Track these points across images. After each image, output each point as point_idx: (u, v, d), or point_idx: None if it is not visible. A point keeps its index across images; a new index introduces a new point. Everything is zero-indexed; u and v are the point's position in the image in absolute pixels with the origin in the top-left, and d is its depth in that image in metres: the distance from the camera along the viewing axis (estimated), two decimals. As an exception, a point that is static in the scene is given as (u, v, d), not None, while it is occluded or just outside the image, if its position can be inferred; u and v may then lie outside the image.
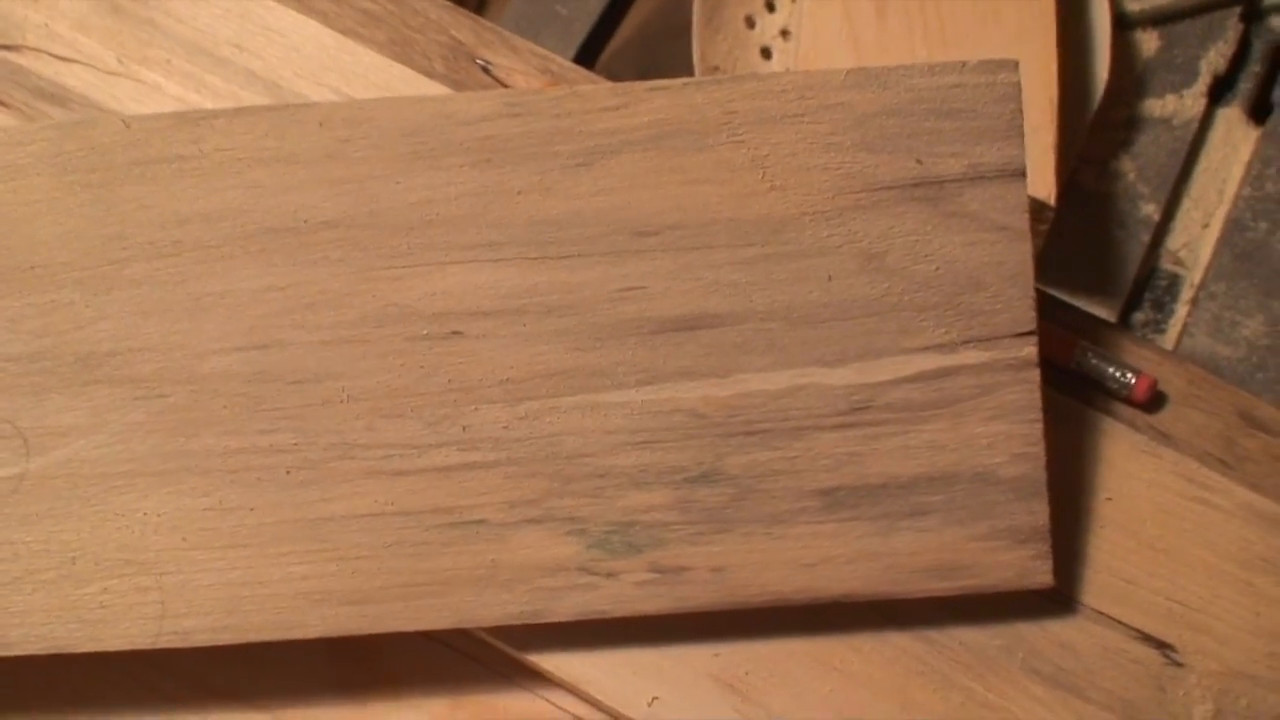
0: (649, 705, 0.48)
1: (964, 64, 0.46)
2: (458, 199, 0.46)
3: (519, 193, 0.46)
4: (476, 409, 0.46)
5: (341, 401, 0.46)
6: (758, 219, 0.46)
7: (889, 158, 0.46)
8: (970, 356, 0.46)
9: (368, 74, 0.55)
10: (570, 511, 0.46)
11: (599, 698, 0.48)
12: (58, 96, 0.54)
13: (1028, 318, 0.46)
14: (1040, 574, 0.46)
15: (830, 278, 0.46)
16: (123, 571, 0.46)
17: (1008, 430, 0.46)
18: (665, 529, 0.46)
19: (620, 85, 0.47)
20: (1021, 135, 0.46)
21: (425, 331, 0.46)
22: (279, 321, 0.46)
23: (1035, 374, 0.46)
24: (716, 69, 0.58)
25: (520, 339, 0.46)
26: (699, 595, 0.46)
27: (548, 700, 0.50)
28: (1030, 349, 0.46)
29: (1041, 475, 0.46)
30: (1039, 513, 0.46)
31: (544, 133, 0.46)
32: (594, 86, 0.47)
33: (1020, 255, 0.46)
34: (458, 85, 0.54)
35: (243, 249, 0.46)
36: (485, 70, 0.54)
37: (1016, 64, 0.46)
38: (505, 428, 0.46)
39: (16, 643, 0.46)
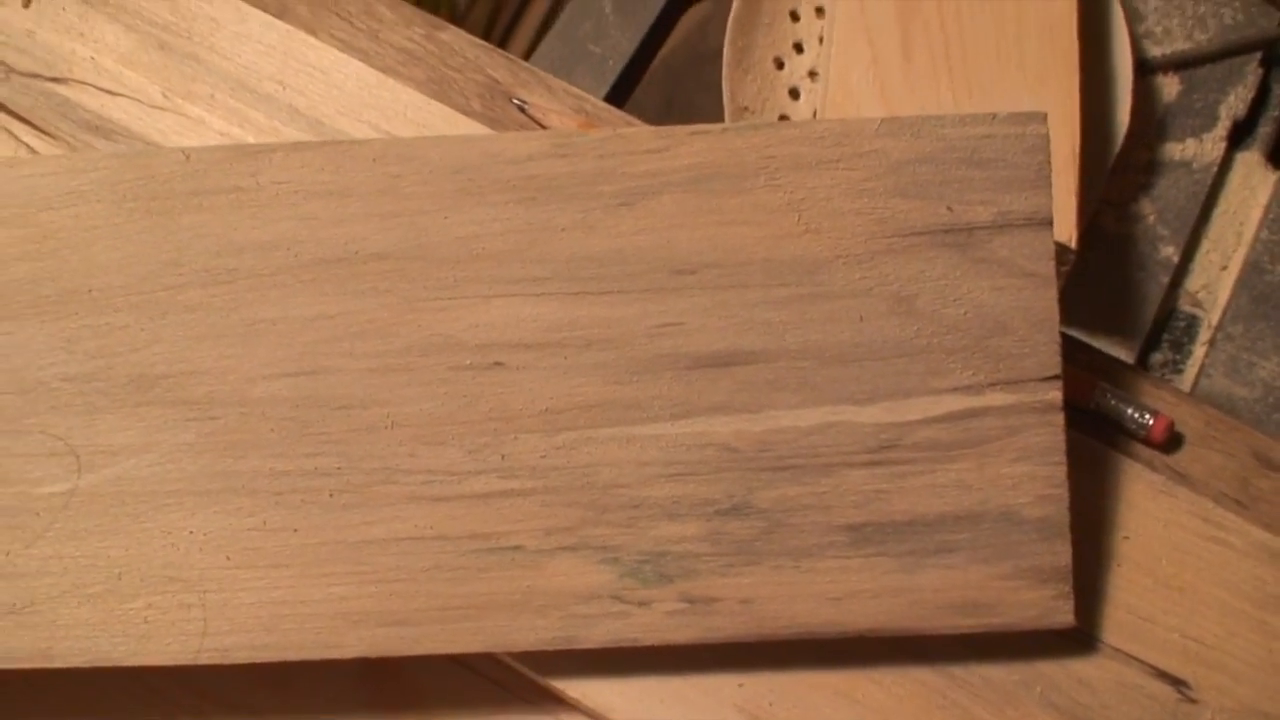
0: None
1: (994, 116, 0.47)
2: (503, 234, 0.47)
3: (562, 229, 0.47)
4: (516, 438, 0.47)
5: (385, 428, 0.47)
6: (792, 260, 0.47)
7: (921, 204, 0.47)
8: (997, 399, 0.47)
9: (406, 111, 0.56)
10: (604, 540, 0.46)
11: None
12: (103, 129, 0.55)
13: (1053, 362, 0.47)
14: (1062, 613, 0.46)
15: (862, 319, 0.47)
16: (167, 588, 0.46)
17: (1032, 471, 0.46)
18: (696, 560, 0.46)
19: (662, 129, 0.48)
20: (1049, 185, 0.47)
21: (468, 362, 0.47)
22: (328, 349, 0.47)
23: (1059, 417, 0.47)
24: (746, 109, 0.59)
25: (559, 371, 0.47)
26: (728, 626, 0.46)
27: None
28: (1055, 393, 0.47)
29: (1065, 517, 0.46)
30: (1062, 553, 0.46)
31: (588, 173, 0.47)
32: (637, 129, 0.48)
33: (1046, 301, 0.47)
34: (494, 124, 0.55)
35: (295, 278, 0.47)
36: (521, 109, 0.55)
37: (1045, 116, 0.47)
38: (543, 457, 0.47)
39: (61, 655, 0.46)
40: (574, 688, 0.48)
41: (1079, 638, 0.48)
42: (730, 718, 0.48)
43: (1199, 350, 0.56)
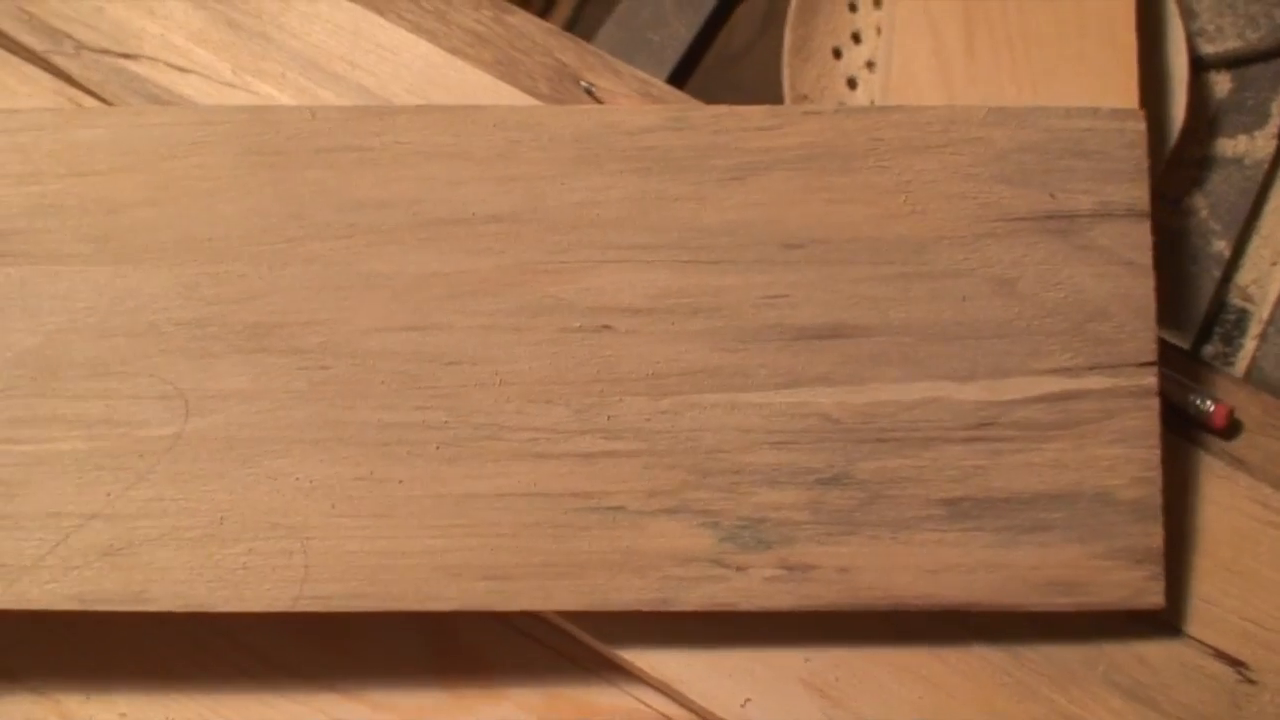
0: (742, 707, 0.47)
1: (1096, 110, 0.47)
2: (617, 202, 0.47)
3: (675, 200, 0.47)
4: (621, 400, 0.46)
5: (494, 385, 0.46)
6: (898, 239, 0.47)
7: (1024, 191, 0.47)
8: (1094, 382, 0.46)
9: (474, 93, 0.55)
10: (705, 504, 0.45)
11: (693, 698, 0.47)
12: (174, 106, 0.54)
13: (1150, 349, 0.46)
14: (1153, 595, 0.45)
15: (964, 298, 0.46)
16: (269, 534, 0.45)
17: (1127, 454, 0.46)
18: (795, 527, 0.45)
19: (775, 108, 0.48)
20: (1147, 179, 0.47)
21: (578, 324, 0.46)
22: (441, 306, 0.46)
23: (1155, 402, 0.46)
24: (805, 97, 0.59)
25: (667, 337, 0.46)
26: (824, 594, 0.45)
27: (637, 699, 0.49)
28: (1151, 379, 0.46)
29: (1158, 500, 0.46)
30: (1154, 535, 0.45)
31: (702, 146, 0.47)
32: (751, 107, 0.48)
33: (1144, 289, 0.47)
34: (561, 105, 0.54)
35: (412, 235, 0.47)
36: (588, 92, 0.55)
37: (1143, 114, 0.47)
38: (648, 420, 0.46)
39: (155, 598, 0.45)
40: (642, 659, 0.47)
41: (1141, 618, 0.47)
42: (796, 691, 0.47)
43: (1250, 344, 0.56)
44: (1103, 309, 0.46)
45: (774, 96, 0.60)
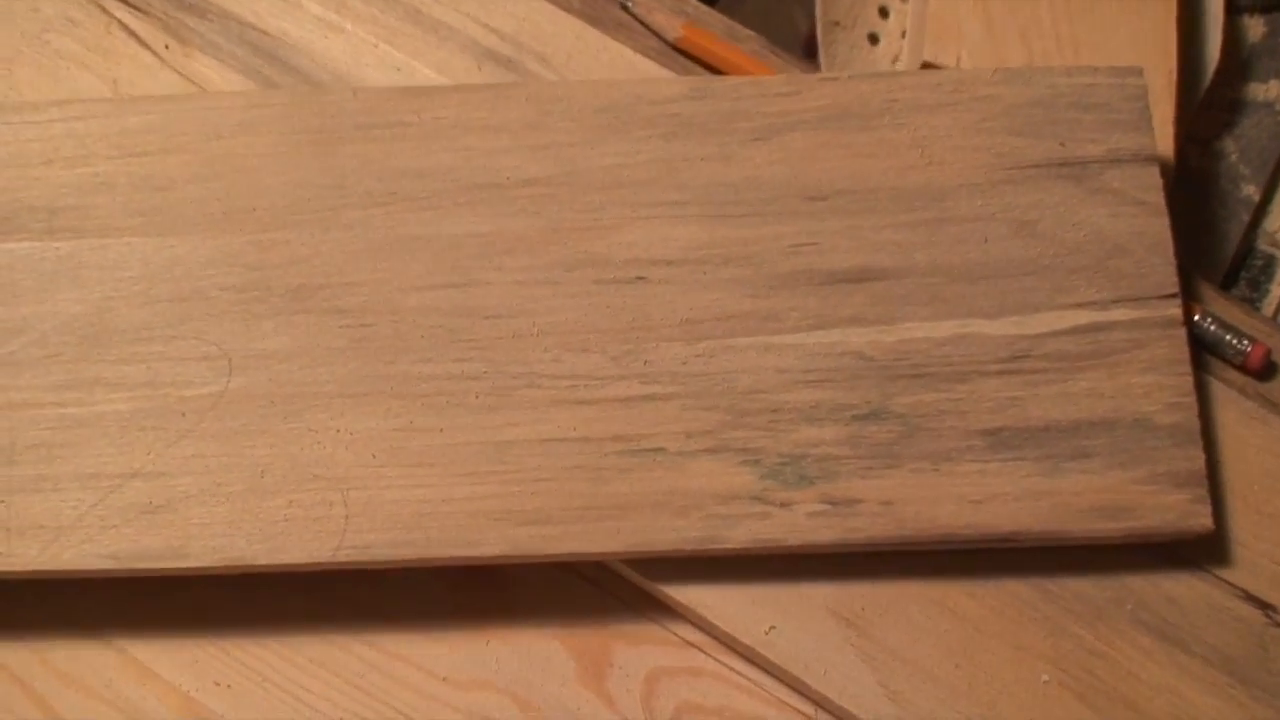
0: (765, 633, 0.43)
1: (1096, 68, 0.47)
2: (646, 164, 0.46)
3: (701, 160, 0.46)
4: (657, 346, 0.44)
5: (531, 335, 0.44)
6: (918, 188, 0.46)
7: (1035, 141, 0.46)
8: (1121, 314, 0.45)
9: (506, 5, 0.53)
10: (745, 443, 0.43)
11: (716, 623, 0.43)
12: (196, 7, 0.52)
13: (1171, 281, 0.45)
14: (1200, 517, 0.43)
15: (987, 240, 0.45)
16: (310, 485, 0.43)
17: (1160, 381, 0.44)
18: (836, 462, 0.43)
19: (792, 76, 0.48)
20: (1151, 127, 0.47)
21: (612, 276, 0.45)
22: (479, 264, 0.45)
23: (1182, 332, 0.44)
24: (837, 24, 0.57)
25: (700, 285, 0.45)
26: (869, 527, 0.42)
27: (663, 625, 0.45)
28: (1175, 310, 0.45)
29: (1195, 424, 0.43)
30: (1195, 458, 0.43)
31: (724, 112, 0.47)
32: (769, 77, 0.48)
33: (1160, 227, 0.45)
34: (594, 21, 0.53)
35: (450, 201, 0.46)
36: (624, 8, 0.53)
37: (1142, 70, 0.47)
38: (684, 364, 0.44)
39: (195, 554, 0.42)
40: (665, 585, 0.44)
41: (1170, 557, 0.44)
42: (821, 619, 0.43)
43: (1276, 290, 0.54)
44: (1121, 246, 0.45)
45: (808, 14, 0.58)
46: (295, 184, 0.46)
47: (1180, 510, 0.42)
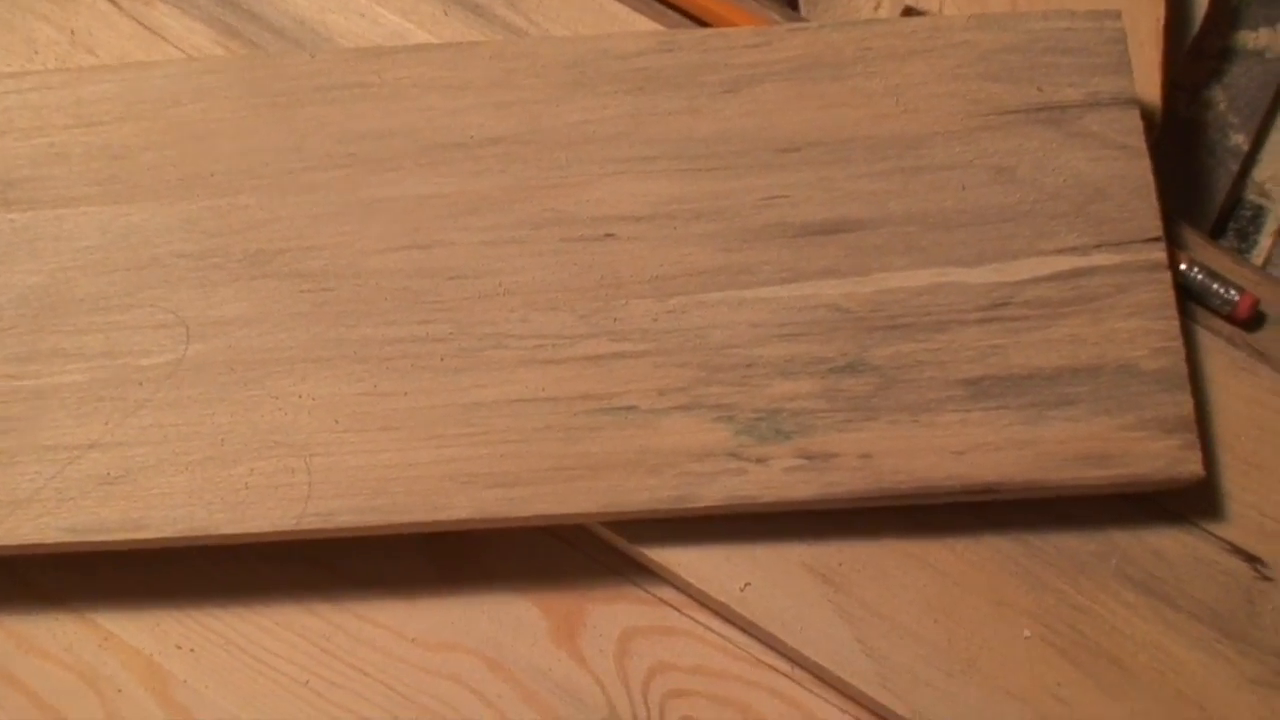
0: (741, 590, 0.41)
1: (1073, 12, 0.45)
2: (613, 119, 0.44)
3: (669, 114, 0.44)
4: (627, 303, 0.42)
5: (497, 295, 0.42)
6: (892, 137, 0.44)
7: (1012, 86, 0.44)
8: (1103, 259, 0.43)
9: None
10: (718, 399, 0.41)
11: (691, 581, 0.41)
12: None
13: (1154, 225, 0.43)
14: (1190, 463, 0.40)
15: (964, 187, 0.43)
16: (272, 453, 0.41)
17: (1146, 326, 0.42)
18: (812, 416, 0.41)
19: (761, 29, 0.46)
20: (1130, 71, 0.45)
21: (580, 234, 0.43)
22: (442, 224, 0.43)
23: (1167, 275, 0.42)
24: None
25: (670, 240, 0.43)
26: (847, 481, 0.40)
27: (638, 585, 0.43)
28: (1159, 253, 0.43)
29: (1182, 368, 0.41)
30: (1183, 404, 0.41)
31: (693, 65, 0.45)
32: (737, 29, 0.46)
33: (1141, 170, 0.43)
34: None
35: (412, 161, 0.44)
36: None
37: (1120, 13, 0.45)
38: (654, 320, 0.42)
39: (154, 524, 0.40)
40: (639, 543, 0.42)
41: (1156, 511, 0.42)
42: (798, 576, 0.41)
43: (1265, 241, 0.51)
44: (1102, 190, 0.43)
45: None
46: (253, 149, 0.44)
47: (1169, 457, 0.40)
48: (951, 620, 0.41)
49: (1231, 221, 0.51)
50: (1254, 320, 0.45)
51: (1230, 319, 0.45)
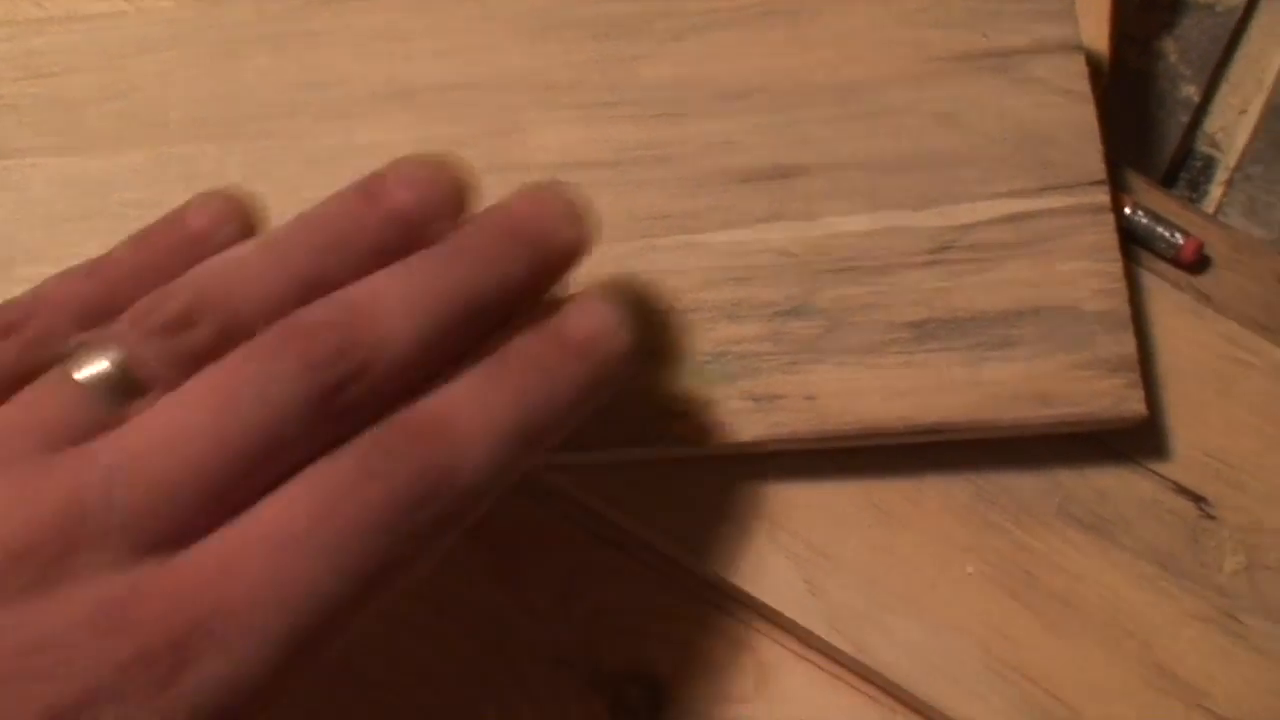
0: (686, 531, 0.41)
1: (1016, -36, 0.45)
2: (563, 66, 0.44)
3: (619, 61, 0.44)
4: (575, 249, 0.42)
5: (446, 242, 0.42)
6: (837, 85, 0.44)
7: (958, 32, 0.44)
8: (1048, 202, 0.42)
9: None
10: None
11: (636, 523, 0.41)
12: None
13: (1099, 168, 0.43)
14: (1133, 402, 0.40)
15: (909, 133, 0.43)
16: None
17: (1089, 268, 0.42)
18: (758, 359, 0.41)
19: (710, -22, 0.45)
20: (1075, 20, 0.44)
21: (530, 181, 0.43)
22: (390, 171, 0.43)
23: (1110, 218, 0.42)
24: None
25: (618, 186, 0.42)
26: (792, 422, 0.40)
27: (586, 530, 0.42)
28: (1103, 196, 0.42)
29: (1126, 309, 0.41)
30: (1126, 343, 0.41)
31: (642, 13, 0.44)
32: (686, -21, 0.45)
33: (1087, 115, 0.43)
34: None
35: (361, 109, 0.44)
36: None
37: (1065, -39, 0.45)
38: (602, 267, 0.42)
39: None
40: (592, 494, 0.42)
41: (1101, 450, 0.42)
42: (745, 518, 0.41)
43: (1216, 191, 0.51)
44: (1048, 135, 0.43)
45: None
46: (200, 99, 0.44)
47: (1113, 396, 0.40)
48: (896, 559, 0.40)
49: (1183, 172, 0.51)
50: (1199, 264, 0.45)
51: (1175, 262, 0.45)
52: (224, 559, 0.27)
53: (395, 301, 0.30)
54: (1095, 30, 0.47)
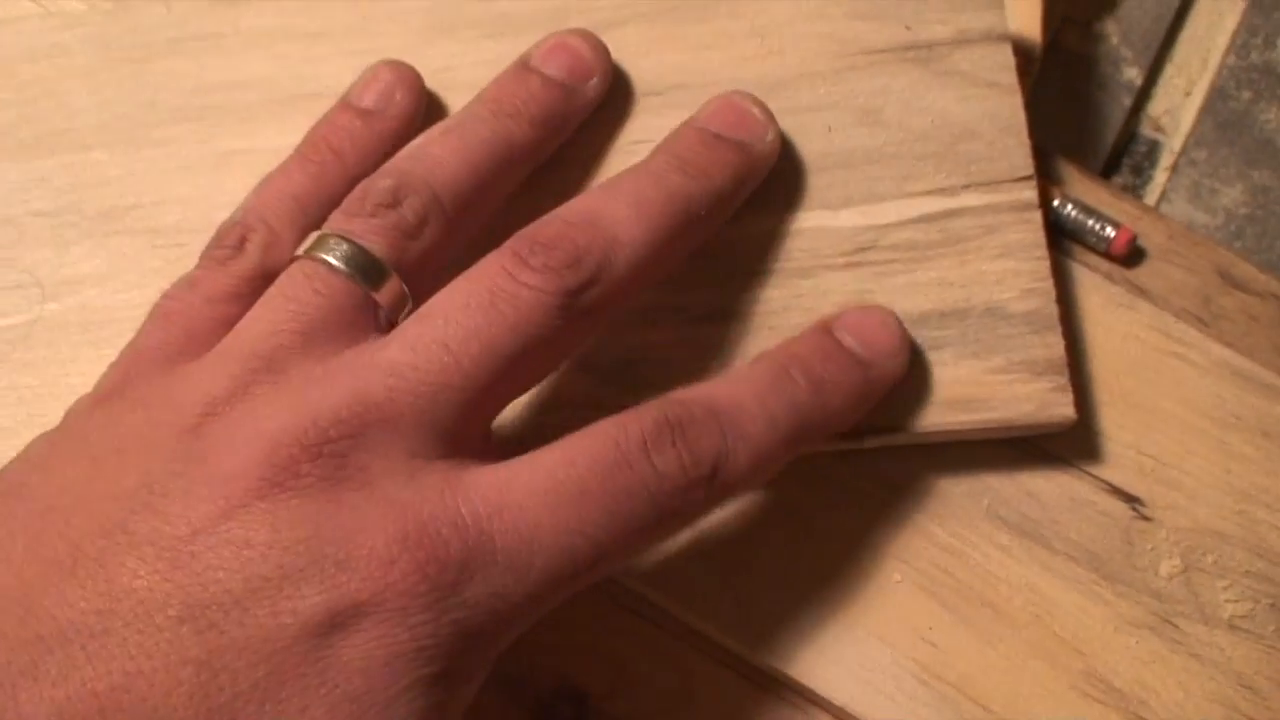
0: None
1: (941, -48, 0.43)
2: (474, 65, 0.42)
3: (531, 59, 0.42)
4: (487, 254, 0.40)
5: (355, 248, 0.40)
6: (757, 79, 0.42)
7: (879, 24, 0.42)
8: (972, 199, 0.40)
9: None
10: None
11: None
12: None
13: (1025, 163, 0.41)
14: (1061, 406, 0.38)
15: (830, 129, 0.41)
16: (125, 414, 0.39)
17: (1015, 267, 0.40)
18: (670, 366, 0.39)
19: (627, -28, 0.43)
20: (1002, 8, 0.42)
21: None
22: (298, 176, 0.41)
23: (1037, 215, 0.40)
24: None
25: (534, 188, 0.41)
26: (710, 431, 0.38)
27: None
28: (1030, 192, 0.40)
29: (1053, 309, 0.39)
30: (1054, 345, 0.39)
31: (555, 9, 0.42)
32: (601, -27, 0.43)
33: (1013, 108, 0.41)
34: None
35: (267, 112, 0.42)
36: None
37: (991, -51, 0.43)
38: (515, 271, 0.40)
39: (9, 492, 0.38)
40: None
41: (1030, 451, 0.40)
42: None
43: (1160, 175, 0.49)
44: (972, 129, 0.41)
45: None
46: (105, 103, 0.42)
47: (1039, 400, 0.38)
48: (820, 567, 0.39)
49: (1125, 157, 0.49)
50: (1132, 256, 0.43)
51: (1107, 255, 0.43)
52: (504, 485, 0.29)
53: (624, 209, 0.33)
54: (1028, 15, 0.45)
